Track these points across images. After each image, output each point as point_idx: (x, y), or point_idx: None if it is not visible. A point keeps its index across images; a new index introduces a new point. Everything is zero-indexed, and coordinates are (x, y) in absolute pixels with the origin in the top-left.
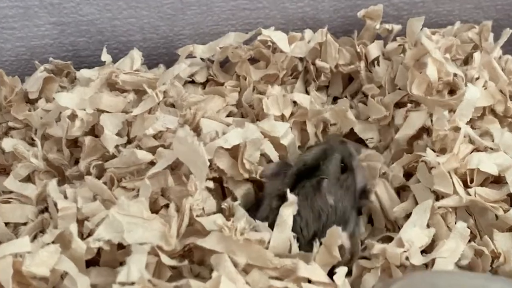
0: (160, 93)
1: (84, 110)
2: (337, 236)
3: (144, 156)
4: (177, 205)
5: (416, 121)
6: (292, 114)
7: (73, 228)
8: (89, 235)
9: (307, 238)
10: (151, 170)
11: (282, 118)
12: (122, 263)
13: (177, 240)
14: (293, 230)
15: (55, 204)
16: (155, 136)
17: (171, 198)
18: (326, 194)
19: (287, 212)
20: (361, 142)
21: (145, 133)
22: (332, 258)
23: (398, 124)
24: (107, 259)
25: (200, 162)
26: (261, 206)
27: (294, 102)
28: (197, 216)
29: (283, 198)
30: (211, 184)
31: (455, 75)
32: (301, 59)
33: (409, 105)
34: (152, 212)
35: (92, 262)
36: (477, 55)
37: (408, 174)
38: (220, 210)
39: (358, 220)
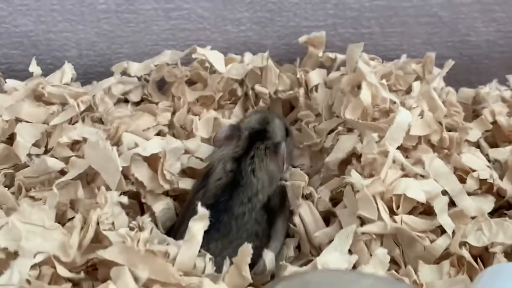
0: (82, 104)
1: (1, 117)
2: (248, 254)
3: (54, 164)
4: (84, 217)
5: (346, 145)
6: None
7: None
8: None
9: (262, 202)
10: (61, 179)
11: (210, 141)
12: None
13: (78, 252)
14: (250, 192)
15: None
16: (72, 148)
17: (79, 211)
18: (284, 158)
19: (197, 227)
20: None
21: (58, 142)
22: (243, 279)
23: (327, 147)
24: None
25: (113, 168)
26: (214, 171)
27: None
28: (104, 230)
29: (239, 161)
30: (125, 200)
31: (392, 102)
32: (241, 84)
33: (340, 128)
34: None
35: None
36: (416, 84)
37: (336, 202)
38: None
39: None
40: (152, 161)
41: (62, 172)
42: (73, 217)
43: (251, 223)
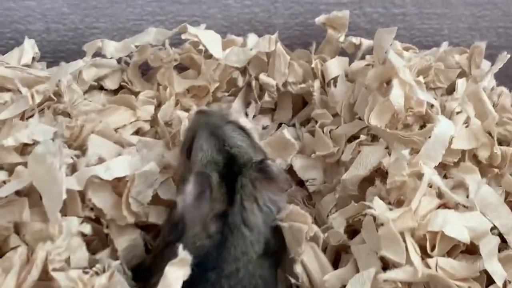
0: (37, 94)
1: None
2: None
3: None
4: (31, 248)
5: (369, 159)
6: None
7: None
8: None
9: (259, 251)
10: None
11: None
12: None
13: None
14: (243, 245)
15: None
16: (22, 151)
17: (27, 239)
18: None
19: (175, 274)
20: (301, 183)
21: (2, 144)
22: None
23: (346, 161)
24: None
25: (55, 193)
26: (189, 231)
27: None
28: (54, 270)
29: (223, 216)
30: (87, 229)
31: (430, 106)
32: (243, 72)
33: (363, 136)
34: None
35: None
36: (460, 82)
37: (354, 231)
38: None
39: None
40: (116, 184)
41: None
42: (17, 246)
43: (248, 278)
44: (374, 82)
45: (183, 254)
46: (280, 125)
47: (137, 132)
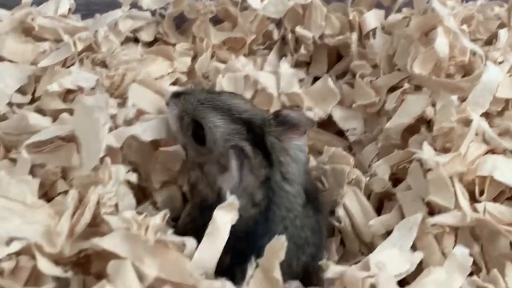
0: (80, 42)
1: None
2: (279, 250)
3: (37, 121)
4: (80, 194)
5: (414, 107)
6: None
7: None
8: None
9: (302, 202)
10: (33, 137)
11: None
12: None
13: (67, 241)
14: (287, 202)
15: None
16: (65, 97)
17: (74, 184)
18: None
19: (224, 219)
20: (341, 134)
21: (46, 90)
22: (271, 284)
23: (389, 109)
24: None
25: (94, 148)
26: None
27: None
28: (105, 213)
29: (266, 181)
30: (133, 178)
31: (472, 53)
32: (278, 24)
33: (406, 85)
34: (47, 199)
35: None
36: (503, 33)
37: (396, 180)
38: None
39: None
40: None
41: None
42: (65, 191)
43: (297, 233)
44: (415, 32)
45: (231, 199)
46: (315, 78)
47: (175, 83)
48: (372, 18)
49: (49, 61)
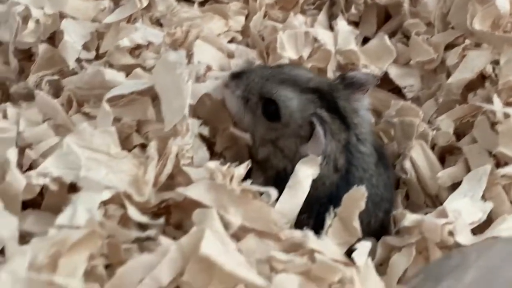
0: None
1: (42, 9)
2: (359, 200)
3: (113, 76)
4: (159, 146)
5: (476, 63)
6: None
7: (12, 154)
8: (31, 168)
9: (374, 159)
10: (110, 93)
11: (299, 60)
12: None
13: (153, 190)
14: (363, 162)
15: None
16: (131, 53)
17: (149, 137)
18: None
19: (305, 172)
20: (397, 91)
21: (117, 45)
22: (350, 234)
23: (450, 65)
24: (51, 202)
25: (178, 105)
26: None
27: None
28: (183, 165)
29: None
30: (206, 131)
31: None
32: None
33: (467, 41)
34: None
35: (29, 204)
36: None
37: (458, 134)
38: None
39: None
40: None
41: None
42: (140, 144)
43: (374, 191)
44: None
45: (312, 156)
46: (364, 38)
47: (231, 41)
48: None
49: (114, 17)
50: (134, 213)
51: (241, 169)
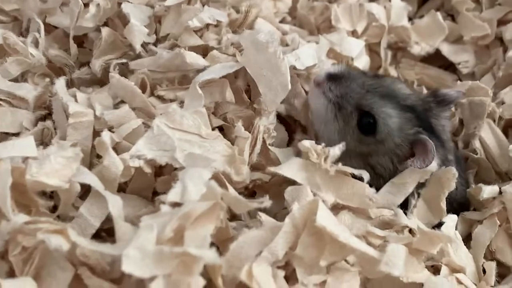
0: None
1: None
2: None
3: (194, 60)
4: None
5: None
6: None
7: (107, 137)
8: (115, 151)
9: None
10: (201, 76)
11: (353, 34)
12: (157, 194)
13: (248, 170)
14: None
15: (65, 109)
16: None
17: (229, 118)
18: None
19: (413, 177)
20: (450, 67)
21: (187, 25)
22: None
23: (508, 40)
24: (137, 186)
25: (279, 83)
26: None
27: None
28: (269, 144)
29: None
30: (281, 108)
31: None
32: None
33: None
34: None
35: None
36: None
37: None
38: None
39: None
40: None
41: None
42: (218, 127)
43: (460, 170)
44: None
45: None
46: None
47: (281, 21)
48: None
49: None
50: (234, 193)
51: (336, 150)
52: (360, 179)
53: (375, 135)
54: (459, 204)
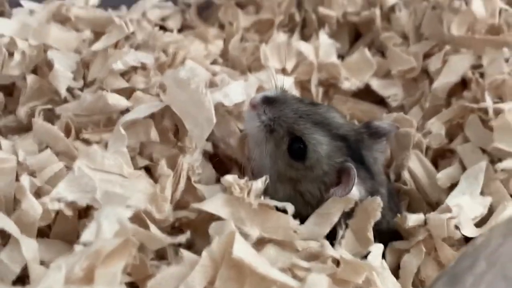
0: (130, 23)
1: (27, 41)
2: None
3: (117, 101)
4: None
5: (459, 66)
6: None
7: (26, 181)
8: (38, 195)
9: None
10: (126, 116)
11: (283, 72)
12: None
13: (171, 207)
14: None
15: None
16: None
17: (154, 158)
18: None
19: (337, 207)
20: (380, 101)
21: (111, 69)
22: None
23: (433, 71)
24: (60, 230)
25: (204, 118)
26: None
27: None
28: (195, 182)
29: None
30: (209, 147)
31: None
32: (298, 6)
33: (447, 47)
34: None
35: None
36: None
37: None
38: None
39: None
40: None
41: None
42: (144, 166)
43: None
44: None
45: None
46: (339, 56)
47: (213, 63)
48: None
49: (101, 44)
50: (155, 231)
51: (259, 183)
52: (285, 211)
53: (305, 161)
54: (391, 238)
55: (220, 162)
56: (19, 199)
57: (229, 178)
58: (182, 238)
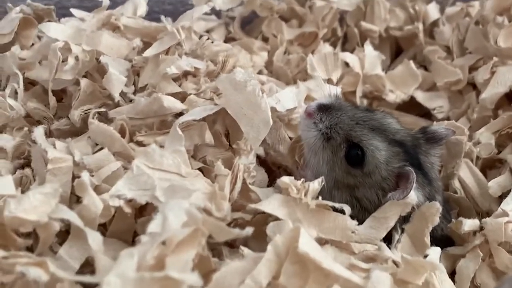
0: (182, 30)
1: (80, 46)
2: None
3: (172, 103)
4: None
5: (507, 77)
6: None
7: (86, 178)
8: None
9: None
10: (182, 118)
11: (328, 82)
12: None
13: (229, 206)
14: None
15: (43, 156)
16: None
17: (208, 160)
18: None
19: (395, 210)
20: (425, 114)
21: (165, 73)
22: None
23: (480, 83)
24: (117, 229)
25: (260, 120)
26: None
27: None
28: (250, 184)
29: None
30: (260, 151)
31: None
32: (340, 21)
33: (495, 58)
34: None
35: None
36: None
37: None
38: None
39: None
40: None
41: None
42: (198, 169)
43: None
44: (491, 13)
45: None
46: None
47: (259, 73)
48: (434, 10)
49: (153, 50)
50: (215, 220)
51: (316, 184)
52: (342, 212)
53: (363, 168)
54: (444, 245)
55: (269, 170)
56: (80, 196)
57: (286, 179)
58: (249, 231)
